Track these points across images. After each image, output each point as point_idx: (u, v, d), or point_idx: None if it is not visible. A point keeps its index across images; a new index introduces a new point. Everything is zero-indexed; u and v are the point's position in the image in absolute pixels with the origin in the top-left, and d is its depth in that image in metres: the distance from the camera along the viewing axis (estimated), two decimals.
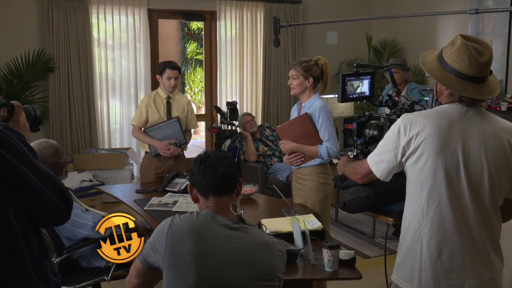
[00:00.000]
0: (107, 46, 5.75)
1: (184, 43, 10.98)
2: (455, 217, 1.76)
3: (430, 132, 1.75)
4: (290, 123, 3.23)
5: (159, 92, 4.17)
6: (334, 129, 3.12)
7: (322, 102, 3.14)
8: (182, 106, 4.21)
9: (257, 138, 5.41)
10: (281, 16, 6.38)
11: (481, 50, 1.75)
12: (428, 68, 1.84)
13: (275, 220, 2.70)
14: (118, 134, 5.95)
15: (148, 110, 4.09)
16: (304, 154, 3.18)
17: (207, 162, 1.80)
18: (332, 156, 3.17)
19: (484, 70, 1.76)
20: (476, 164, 1.75)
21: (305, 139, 3.13)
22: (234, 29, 6.30)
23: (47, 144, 2.83)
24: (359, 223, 4.89)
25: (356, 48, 6.84)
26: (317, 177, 3.19)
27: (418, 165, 1.79)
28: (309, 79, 3.13)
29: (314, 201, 3.19)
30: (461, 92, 1.76)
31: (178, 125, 3.98)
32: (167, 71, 4.01)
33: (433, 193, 1.77)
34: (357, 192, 2.33)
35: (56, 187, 1.39)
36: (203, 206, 1.82)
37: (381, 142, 1.93)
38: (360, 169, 2.02)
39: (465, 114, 1.79)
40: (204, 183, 1.79)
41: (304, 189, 3.24)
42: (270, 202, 3.44)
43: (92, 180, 5.17)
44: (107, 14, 5.69)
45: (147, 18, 5.85)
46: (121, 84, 5.87)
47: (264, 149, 5.40)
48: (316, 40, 6.82)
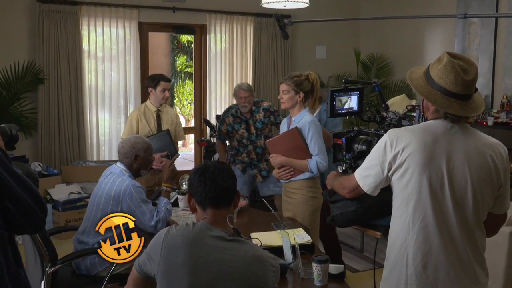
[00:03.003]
0: (97, 58, 5.76)
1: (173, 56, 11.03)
2: (439, 231, 1.79)
3: (416, 148, 1.78)
4: (280, 137, 3.26)
5: (148, 105, 4.21)
6: (323, 143, 3.16)
7: (312, 116, 3.18)
8: (171, 118, 4.27)
9: (242, 118, 4.49)
10: (270, 30, 6.47)
11: (466, 68, 1.78)
12: (415, 84, 1.87)
13: (265, 234, 2.72)
14: (107, 146, 5.93)
15: (138, 123, 4.12)
16: (294, 168, 3.21)
17: (207, 173, 1.81)
18: (322, 170, 3.20)
19: (469, 87, 1.79)
20: (460, 179, 1.78)
21: (294, 153, 3.16)
22: (224, 43, 6.34)
23: (142, 140, 3.08)
24: (348, 237, 4.92)
25: (345, 63, 6.92)
26: (307, 191, 3.22)
27: (404, 179, 1.82)
28: (300, 93, 3.17)
29: (304, 215, 3.21)
30: (446, 108, 1.79)
31: (168, 137, 4.02)
32: (161, 84, 4.12)
33: (418, 207, 1.80)
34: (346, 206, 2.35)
35: (32, 192, 1.43)
36: (200, 217, 1.83)
37: (368, 157, 1.96)
38: (348, 184, 2.04)
39: (450, 130, 1.82)
40: (203, 194, 1.80)
41: (293, 203, 3.26)
42: (260, 215, 3.45)
43: (81, 193, 5.14)
44: (97, 26, 5.71)
45: (138, 30, 5.88)
46: (111, 96, 5.87)
47: (243, 134, 4.46)
48: (305, 54, 6.90)
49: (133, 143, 3.03)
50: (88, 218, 2.95)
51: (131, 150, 3.01)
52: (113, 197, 2.83)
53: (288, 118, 3.34)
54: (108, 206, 2.85)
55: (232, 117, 4.48)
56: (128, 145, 3.02)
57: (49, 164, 5.48)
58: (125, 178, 2.89)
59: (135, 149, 3.01)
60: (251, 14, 6.39)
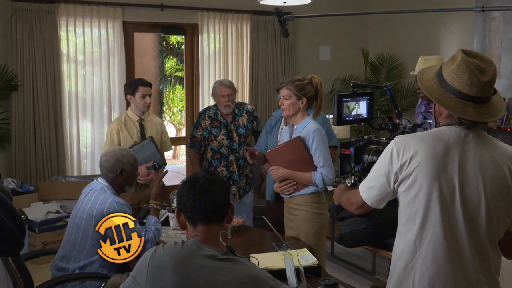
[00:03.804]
0: (77, 61, 5.78)
1: (162, 59, 11.08)
2: (449, 251, 1.78)
3: (425, 157, 1.78)
4: (280, 148, 3.27)
5: (130, 114, 4.22)
6: (329, 154, 3.17)
7: (316, 124, 3.19)
8: (156, 127, 4.28)
9: (221, 121, 4.33)
10: (269, 29, 6.50)
11: (483, 67, 1.77)
12: (425, 86, 1.87)
13: (265, 255, 2.71)
14: (89, 160, 5.93)
15: (119, 135, 4.12)
16: (297, 182, 3.21)
17: (196, 186, 1.82)
18: (328, 183, 3.21)
19: (486, 89, 1.78)
20: (473, 193, 1.78)
21: (297, 165, 3.17)
22: (218, 43, 6.38)
23: (128, 152, 3.12)
24: (357, 257, 4.91)
25: (351, 64, 6.95)
26: (311, 207, 3.22)
27: (411, 192, 1.82)
28: (303, 99, 3.19)
29: (308, 234, 3.21)
30: (460, 113, 1.78)
31: (153, 145, 4.01)
32: (140, 89, 4.10)
33: (427, 224, 1.80)
34: (355, 224, 2.36)
35: (9, 209, 1.43)
36: (191, 234, 1.84)
37: (373, 167, 1.96)
38: (355, 199, 2.03)
39: (464, 138, 1.81)
40: (193, 209, 1.81)
41: (296, 220, 3.26)
42: (259, 234, 3.46)
43: (60, 212, 5.13)
44: (77, 26, 5.73)
45: (122, 31, 5.90)
46: (93, 104, 5.88)
47: (222, 141, 4.30)
48: (308, 56, 6.93)
49: (119, 157, 3.05)
50: (68, 241, 2.95)
51: (116, 164, 3.02)
52: (95, 217, 2.83)
53: (290, 126, 3.35)
54: (89, 228, 2.85)
55: (210, 119, 4.36)
56: (113, 158, 3.03)
57: (24, 180, 5.47)
58: (108, 196, 2.89)
59: (121, 163, 3.04)
60: (248, 12, 6.43)
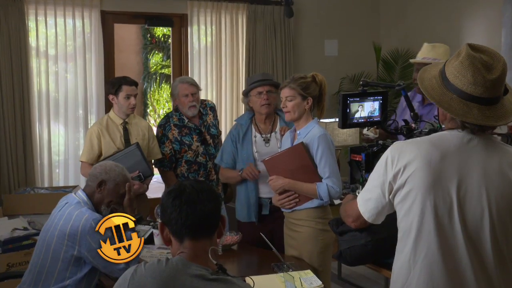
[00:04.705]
0: (49, 56, 5.76)
1: (146, 54, 11.11)
2: (447, 272, 1.78)
3: (419, 165, 1.79)
4: (281, 155, 3.27)
5: (112, 117, 4.22)
6: (336, 163, 3.18)
7: (322, 129, 3.20)
8: (142, 132, 4.27)
9: (190, 127, 4.29)
10: (268, 20, 6.51)
11: (490, 63, 1.76)
12: (425, 86, 1.87)
13: (263, 278, 2.71)
14: (62, 169, 5.92)
15: (100, 141, 4.12)
16: (299, 194, 3.21)
17: (182, 196, 1.82)
18: (334, 196, 3.22)
19: (493, 89, 1.77)
20: (475, 207, 1.77)
21: (300, 175, 3.17)
22: (210, 36, 6.38)
23: (121, 171, 3.07)
24: (367, 280, 4.91)
25: (361, 61, 6.97)
26: (315, 223, 3.23)
27: (405, 204, 1.83)
28: (308, 99, 3.21)
29: (312, 253, 3.22)
30: (462, 116, 1.78)
31: (139, 152, 4.01)
32: (124, 88, 4.10)
33: (420, 240, 1.80)
34: (354, 239, 2.38)
35: None
36: (176, 250, 1.84)
37: (370, 176, 1.97)
38: (352, 211, 2.05)
39: (467, 144, 1.81)
40: (179, 222, 1.81)
41: (299, 238, 3.26)
42: (256, 254, 3.45)
43: (27, 228, 5.10)
44: (48, 16, 5.72)
45: (100, 22, 5.90)
46: (66, 105, 5.87)
47: (198, 149, 4.25)
48: (312, 51, 6.95)
49: (108, 169, 3.03)
50: (36, 263, 2.93)
51: (101, 174, 3.02)
52: (68, 235, 2.82)
53: (291, 131, 3.36)
54: (61, 247, 2.84)
55: (177, 128, 4.31)
56: (101, 167, 3.04)
57: None
58: (83, 211, 2.88)
59: (107, 175, 3.01)
60: (244, 1, 6.45)
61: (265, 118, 3.77)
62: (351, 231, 2.42)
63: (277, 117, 3.82)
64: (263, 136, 3.78)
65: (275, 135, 3.77)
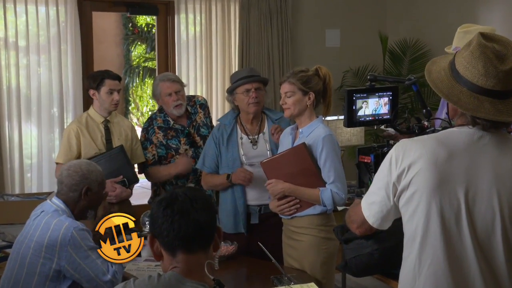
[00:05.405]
0: (18, 48, 5.73)
1: (127, 45, 11.09)
2: (454, 281, 1.79)
3: (424, 165, 1.80)
4: (281, 156, 3.28)
5: (92, 114, 4.22)
6: (342, 167, 3.18)
7: (327, 129, 3.21)
8: (125, 132, 4.28)
9: (177, 129, 4.29)
10: (263, 7, 6.50)
11: (503, 53, 1.78)
12: (433, 78, 1.89)
13: None
14: (34, 173, 5.89)
15: (79, 140, 4.12)
16: (301, 200, 3.22)
17: (174, 205, 1.82)
18: (339, 203, 3.23)
19: (506, 80, 1.78)
20: (485, 211, 1.78)
21: (301, 179, 3.19)
22: (199, 26, 6.38)
23: (96, 168, 3.11)
24: None
25: (366, 52, 6.98)
26: (318, 231, 3.25)
27: (410, 207, 1.84)
28: (310, 94, 3.22)
29: (315, 264, 3.23)
30: (473, 111, 1.79)
31: (123, 156, 4.03)
32: (107, 83, 4.12)
33: (426, 246, 1.82)
34: (360, 247, 2.39)
35: None
36: (168, 265, 1.84)
37: (374, 178, 1.99)
38: (356, 216, 2.06)
39: (477, 142, 1.82)
40: (171, 234, 1.80)
41: (300, 248, 3.28)
42: (253, 265, 3.46)
43: None
44: (17, 2, 5.68)
45: (77, 9, 5.87)
46: (39, 103, 5.84)
47: (188, 153, 4.28)
48: (312, 41, 6.95)
49: (86, 172, 3.04)
50: (9, 278, 2.92)
51: (82, 182, 3.02)
52: (46, 247, 2.82)
53: (293, 129, 3.37)
54: (38, 260, 2.84)
55: (162, 130, 4.30)
56: (78, 174, 3.03)
57: None
58: (62, 220, 2.89)
59: (88, 180, 3.03)
60: None
61: (252, 118, 3.78)
62: (356, 239, 2.43)
63: (264, 116, 3.83)
64: (250, 138, 3.78)
65: (263, 136, 3.78)
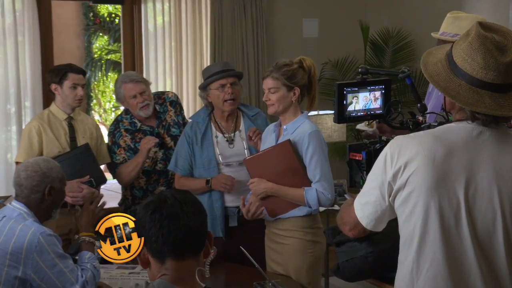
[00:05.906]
0: None
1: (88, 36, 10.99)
2: (454, 284, 1.82)
3: (421, 163, 1.82)
4: (265, 153, 3.29)
5: (55, 111, 4.20)
6: (329, 165, 3.21)
7: (313, 125, 3.23)
8: (89, 130, 4.27)
9: (145, 130, 4.27)
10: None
11: (504, 44, 1.80)
12: (430, 71, 1.91)
13: None
14: None
15: (41, 138, 4.09)
16: (285, 199, 3.23)
17: (163, 209, 1.82)
18: (325, 204, 3.24)
19: (507, 73, 1.81)
20: (486, 210, 1.81)
21: (286, 177, 3.20)
22: (168, 15, 6.35)
23: (54, 164, 3.10)
24: None
25: (346, 43, 7.00)
26: (304, 233, 3.26)
27: (407, 208, 1.86)
28: (295, 89, 3.23)
29: (300, 269, 3.25)
30: (472, 105, 1.81)
31: (89, 155, 4.03)
32: (70, 77, 4.11)
33: (424, 249, 1.84)
34: (353, 250, 2.41)
35: None
36: (157, 273, 1.84)
37: (368, 176, 2.01)
38: (348, 217, 2.08)
39: (476, 138, 1.85)
40: (159, 240, 1.81)
41: (284, 252, 3.29)
42: (235, 271, 3.49)
43: None
44: None
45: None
46: None
47: (157, 155, 4.25)
48: (288, 31, 6.95)
49: (46, 170, 3.02)
50: None
51: (43, 181, 3.01)
52: (10, 254, 2.81)
53: (277, 125, 3.38)
54: (2, 268, 2.82)
55: (129, 133, 4.29)
56: (38, 174, 3.01)
57: None
58: (28, 224, 2.88)
59: (49, 178, 3.02)
60: None
61: (227, 115, 3.79)
62: (349, 241, 2.45)
63: (240, 113, 3.84)
64: (226, 136, 3.79)
65: (239, 134, 3.79)
